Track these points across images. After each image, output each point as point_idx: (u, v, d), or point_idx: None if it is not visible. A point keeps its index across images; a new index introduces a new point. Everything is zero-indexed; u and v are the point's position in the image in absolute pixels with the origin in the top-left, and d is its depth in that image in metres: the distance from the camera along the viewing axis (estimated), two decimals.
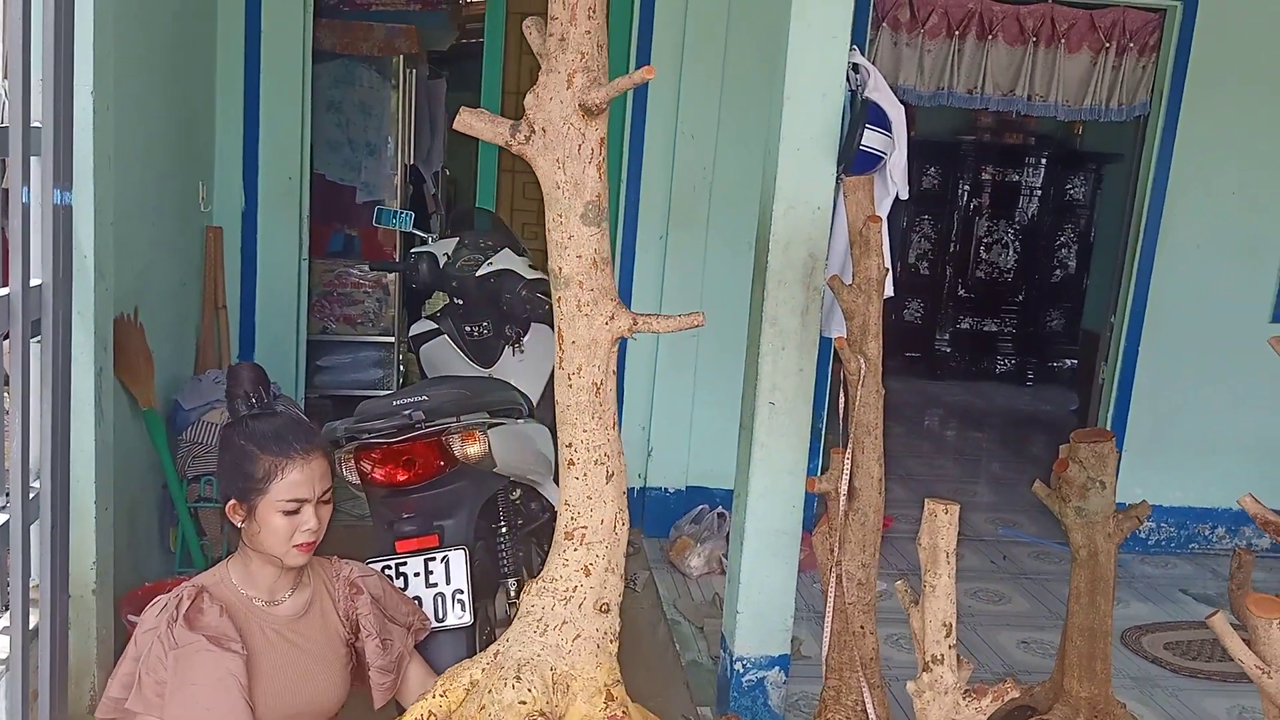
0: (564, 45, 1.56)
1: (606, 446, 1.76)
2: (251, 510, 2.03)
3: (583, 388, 1.69)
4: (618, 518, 1.81)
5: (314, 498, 2.05)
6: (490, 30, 5.07)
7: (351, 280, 6.05)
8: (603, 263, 1.66)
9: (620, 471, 1.82)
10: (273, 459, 2.02)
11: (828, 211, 3.16)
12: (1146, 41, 4.79)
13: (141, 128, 3.36)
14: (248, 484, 2.02)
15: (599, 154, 1.60)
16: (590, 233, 1.61)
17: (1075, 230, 8.73)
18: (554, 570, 1.80)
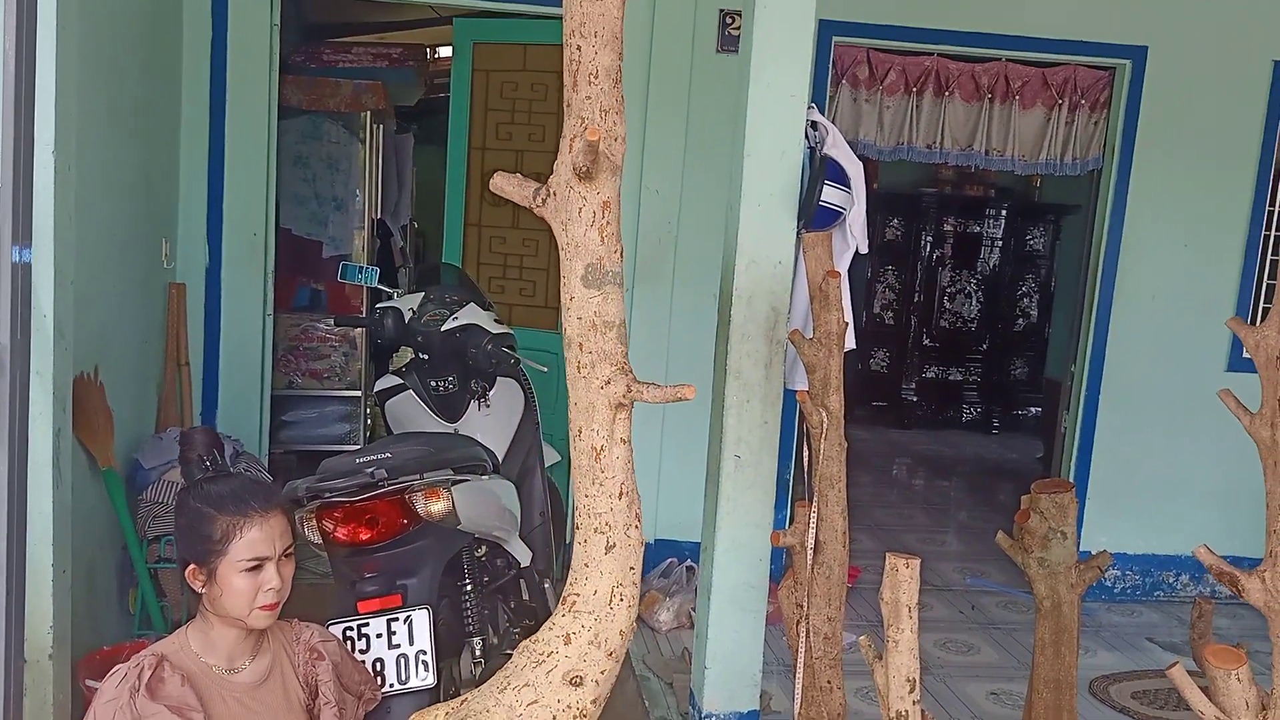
0: (569, 110, 1.58)
1: (609, 516, 1.68)
2: (212, 573, 2.00)
3: (583, 451, 1.67)
4: (615, 592, 1.71)
5: (275, 555, 2.03)
6: (456, 86, 5.11)
7: (318, 334, 6.03)
8: (604, 326, 1.61)
9: (629, 544, 1.70)
10: (230, 519, 2.00)
11: (789, 266, 3.21)
12: (1098, 98, 4.92)
13: (104, 185, 3.35)
14: (206, 546, 2.00)
15: (601, 217, 1.58)
16: (590, 295, 1.58)
17: (1036, 280, 8.88)
18: (543, 630, 1.77)
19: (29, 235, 2.61)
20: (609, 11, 1.52)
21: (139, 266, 3.82)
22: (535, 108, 4.96)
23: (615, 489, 1.68)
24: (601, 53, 1.53)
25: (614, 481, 1.68)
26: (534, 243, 5.03)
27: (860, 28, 4.70)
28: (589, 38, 1.52)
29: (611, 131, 1.56)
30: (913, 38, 4.76)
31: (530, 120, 4.97)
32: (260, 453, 4.61)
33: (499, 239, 5.11)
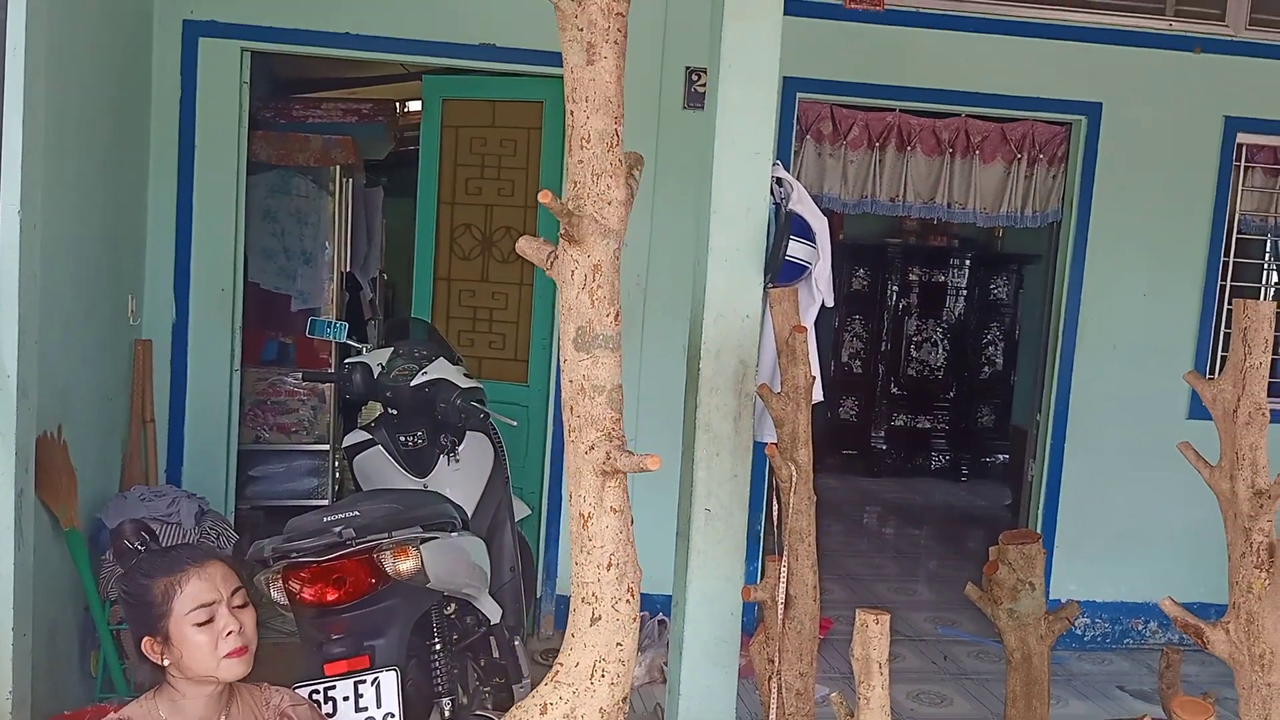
0: (568, 174, 1.60)
1: (595, 587, 1.61)
2: (166, 638, 1.97)
3: (573, 516, 1.64)
4: (597, 667, 1.63)
5: (222, 599, 1.99)
6: (426, 142, 5.15)
7: (286, 389, 5.99)
8: (593, 390, 1.58)
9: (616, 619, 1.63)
10: (166, 578, 1.97)
11: (756, 320, 3.24)
12: (1055, 152, 5.04)
13: (71, 242, 3.34)
14: (151, 613, 1.97)
15: (591, 280, 1.57)
16: (580, 358, 1.57)
17: (1000, 328, 9.00)
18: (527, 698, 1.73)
19: None
20: (600, 77, 1.53)
21: (104, 323, 3.79)
22: (504, 163, 5.00)
23: (603, 559, 1.62)
24: (594, 117, 1.54)
25: (602, 551, 1.62)
26: (503, 296, 5.04)
27: (823, 84, 4.80)
28: (580, 102, 1.54)
29: (604, 195, 1.56)
30: (875, 94, 4.86)
31: (500, 175, 5.01)
32: (226, 509, 4.55)
33: (468, 292, 5.12)
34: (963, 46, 4.81)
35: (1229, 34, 4.93)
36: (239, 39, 4.40)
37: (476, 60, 4.62)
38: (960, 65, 4.82)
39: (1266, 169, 5.13)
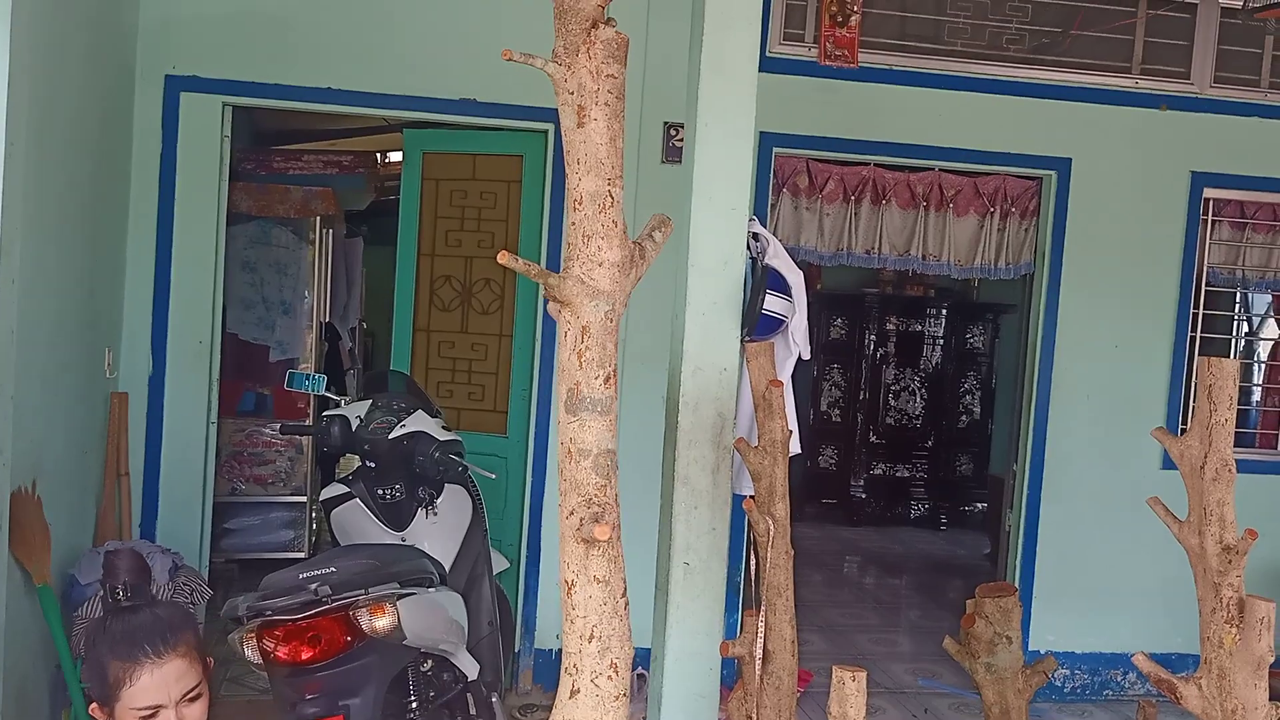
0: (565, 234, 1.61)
1: (576, 658, 1.56)
2: (111, 715, 1.95)
3: (560, 582, 1.61)
4: None
5: (170, 703, 1.95)
6: (406, 194, 5.19)
7: (263, 440, 5.97)
8: (579, 454, 1.55)
9: (596, 694, 1.57)
10: (122, 664, 1.93)
11: (734, 373, 3.26)
12: (1027, 206, 5.13)
13: (48, 297, 3.34)
14: (104, 689, 1.94)
15: (580, 342, 1.57)
16: (568, 420, 1.56)
17: (977, 377, 9.07)
18: None
19: None
20: (591, 139, 1.54)
21: (81, 377, 3.78)
22: (484, 215, 5.04)
23: (585, 630, 1.56)
24: (585, 179, 1.55)
25: (584, 622, 1.56)
26: (483, 347, 5.06)
27: (799, 139, 4.88)
28: (574, 164, 1.55)
29: (595, 257, 1.55)
30: (850, 149, 4.94)
31: (480, 227, 5.05)
32: (201, 563, 4.51)
33: (447, 343, 5.13)
34: (935, 102, 4.90)
35: (1194, 91, 5.05)
36: (221, 94, 4.44)
37: (457, 115, 4.67)
38: (933, 121, 4.91)
39: (1233, 222, 5.23)
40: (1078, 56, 5.00)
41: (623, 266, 1.57)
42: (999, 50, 4.98)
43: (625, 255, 1.57)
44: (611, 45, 1.53)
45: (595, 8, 1.53)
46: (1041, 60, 4.98)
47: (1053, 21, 5.00)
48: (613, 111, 1.55)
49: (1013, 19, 4.99)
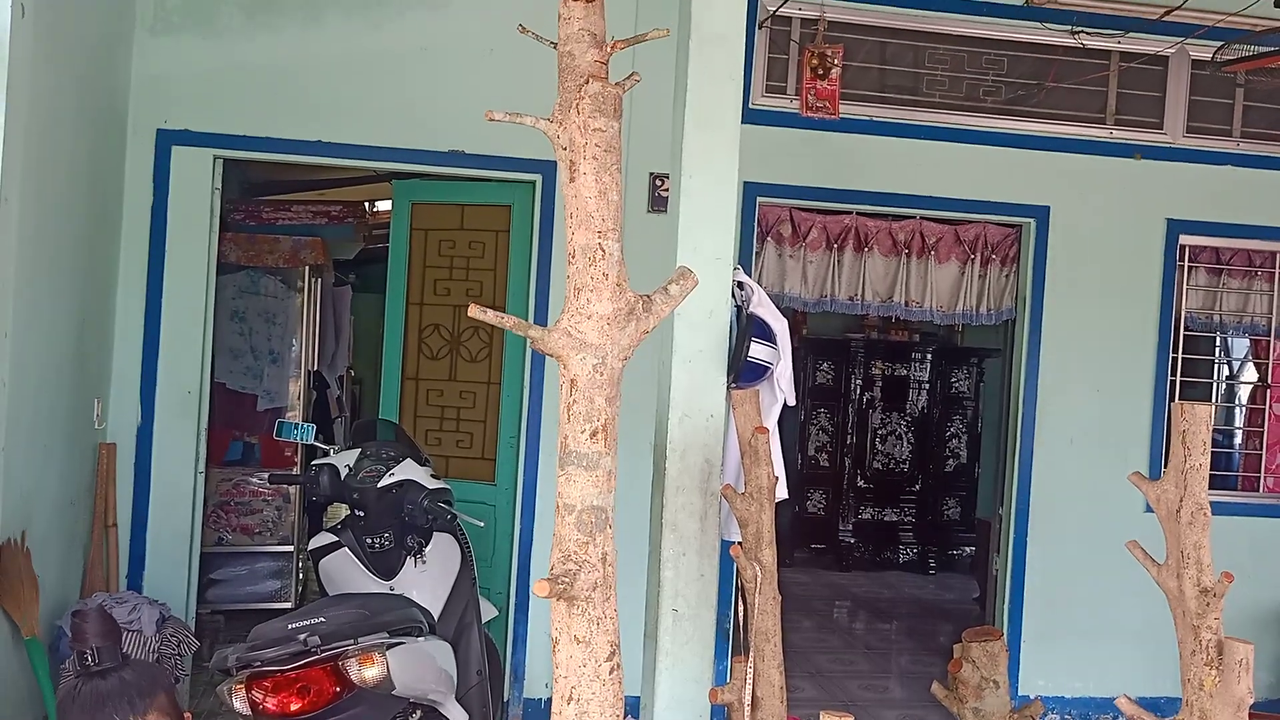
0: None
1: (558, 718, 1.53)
2: None
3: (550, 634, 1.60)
4: None
5: None
6: (395, 244, 5.24)
7: (250, 489, 5.95)
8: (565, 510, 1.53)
9: None
10: None
11: (721, 419, 3.30)
12: (1007, 253, 5.21)
13: (39, 349, 3.36)
14: None
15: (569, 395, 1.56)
16: (558, 474, 1.55)
17: (963, 421, 9.12)
18: None
19: None
20: (580, 192, 1.55)
21: (70, 428, 3.79)
22: (473, 264, 5.09)
23: (564, 691, 1.52)
24: (577, 233, 1.56)
25: (565, 683, 1.52)
26: (471, 395, 5.08)
27: (783, 188, 4.96)
28: (569, 219, 1.57)
29: (583, 310, 1.56)
30: (832, 198, 5.03)
31: (468, 276, 5.09)
32: (187, 614, 4.49)
33: (436, 391, 5.16)
34: (915, 152, 5.00)
35: (1167, 141, 5.16)
36: (211, 147, 4.50)
37: (446, 166, 4.74)
38: (913, 170, 5.01)
39: (1209, 268, 5.33)
40: (1053, 107, 5.12)
41: (615, 319, 1.56)
42: (976, 101, 5.09)
43: (619, 308, 1.56)
44: (599, 99, 1.54)
45: (591, 63, 1.56)
46: (1018, 111, 5.09)
47: (1028, 74, 5.12)
48: (601, 165, 1.55)
49: (989, 71, 5.11)
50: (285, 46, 4.52)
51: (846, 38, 4.96)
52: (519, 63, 4.62)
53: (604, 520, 1.54)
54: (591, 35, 1.55)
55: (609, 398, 1.55)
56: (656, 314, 1.59)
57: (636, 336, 1.58)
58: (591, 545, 1.52)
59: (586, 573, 1.51)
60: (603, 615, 1.53)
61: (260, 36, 4.50)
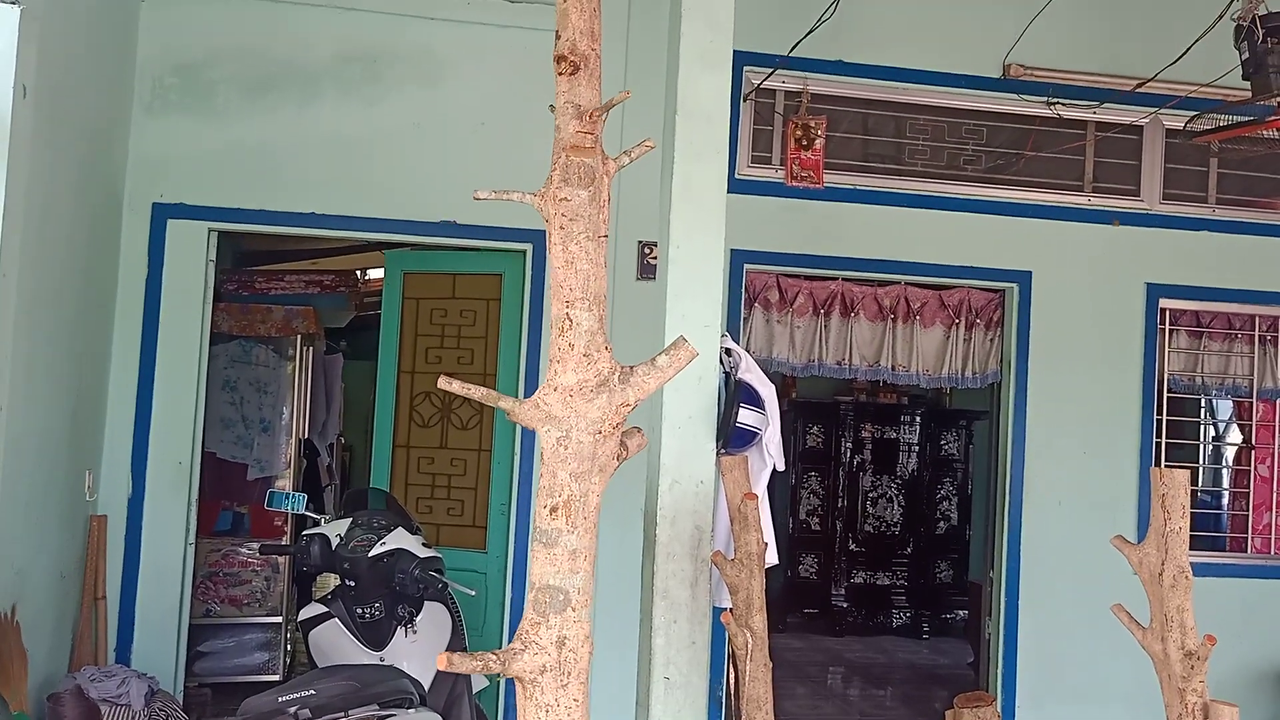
0: None
1: None
2: None
3: None
4: None
5: None
6: (387, 313, 5.29)
7: (239, 559, 5.92)
8: (529, 585, 1.48)
9: None
10: None
11: (710, 485, 3.33)
12: (991, 317, 5.29)
13: (33, 424, 3.38)
14: None
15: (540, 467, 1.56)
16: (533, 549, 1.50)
17: (953, 483, 9.14)
18: None
19: None
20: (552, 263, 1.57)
21: (62, 501, 3.79)
22: (464, 333, 5.14)
23: None
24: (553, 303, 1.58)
25: None
26: (462, 462, 5.10)
27: (769, 256, 5.04)
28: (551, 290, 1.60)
29: (552, 381, 1.55)
30: (818, 264, 5.11)
31: (459, 344, 5.14)
32: (176, 688, 4.44)
33: (427, 459, 5.17)
34: (899, 220, 5.10)
35: (1144, 208, 5.28)
36: (206, 220, 4.57)
37: (438, 236, 4.81)
38: (897, 237, 5.10)
39: (1190, 331, 5.41)
40: (1032, 175, 5.24)
41: (580, 392, 1.51)
42: (957, 170, 5.21)
43: (585, 380, 1.51)
44: (566, 170, 1.56)
45: (573, 134, 1.59)
46: (998, 179, 5.21)
47: (1007, 143, 5.24)
48: (567, 234, 1.55)
49: (969, 141, 5.24)
50: (281, 123, 4.62)
51: (829, 109, 5.09)
52: (510, 135, 4.73)
53: (563, 602, 1.45)
54: (575, 107, 1.57)
55: (574, 473, 1.49)
56: (638, 387, 1.53)
57: (611, 410, 1.52)
58: (544, 627, 1.44)
59: (533, 655, 1.43)
60: (554, 703, 1.43)
61: (256, 114, 4.60)
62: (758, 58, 4.83)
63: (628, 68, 4.80)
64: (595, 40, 1.56)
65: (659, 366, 1.56)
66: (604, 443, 1.52)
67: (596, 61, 1.56)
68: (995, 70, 5.14)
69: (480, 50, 4.76)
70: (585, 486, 1.50)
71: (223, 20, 4.57)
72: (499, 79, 4.74)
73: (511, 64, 4.73)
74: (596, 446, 1.51)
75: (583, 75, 1.57)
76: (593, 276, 1.54)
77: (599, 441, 1.52)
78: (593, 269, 1.54)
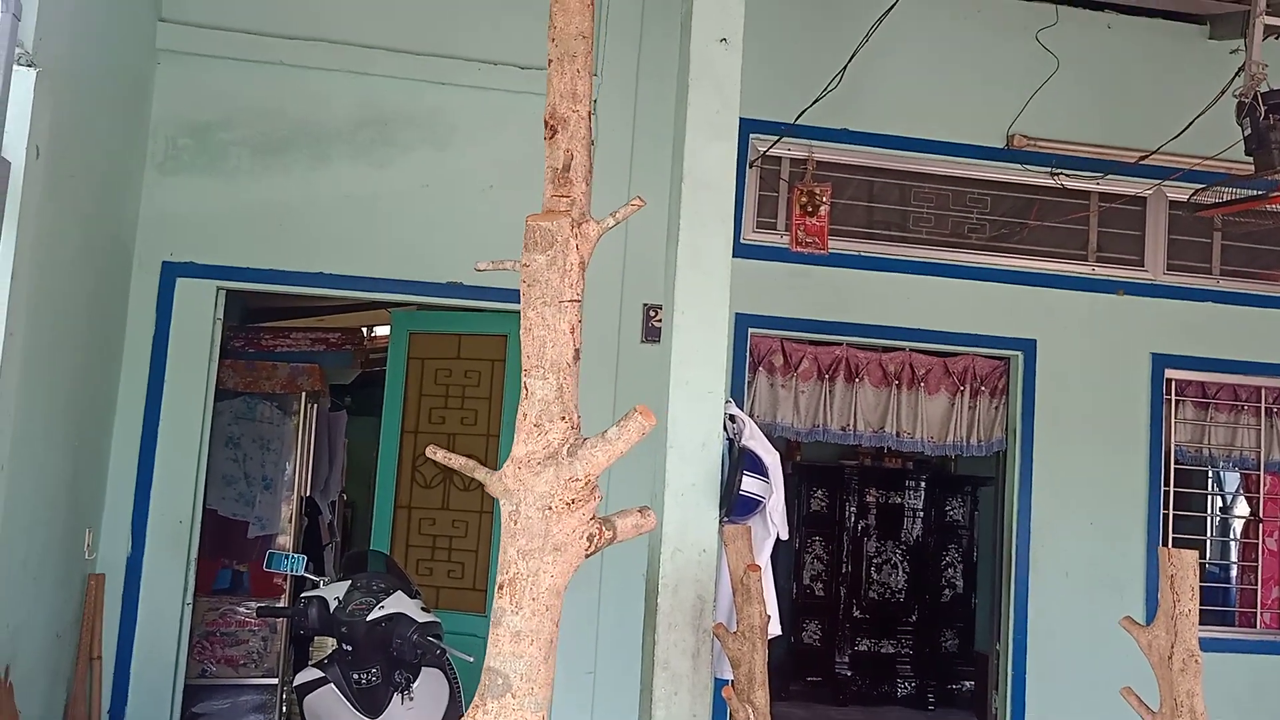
0: None
1: None
2: None
3: None
4: None
5: None
6: (392, 372, 5.30)
7: (237, 619, 5.85)
8: (485, 668, 1.39)
9: None
10: None
11: (713, 554, 3.30)
12: (996, 385, 5.28)
13: (33, 481, 3.37)
14: None
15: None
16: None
17: (959, 550, 9.03)
18: None
19: None
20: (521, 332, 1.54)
21: (59, 560, 3.76)
22: (468, 393, 5.14)
23: None
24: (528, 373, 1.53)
25: None
26: (463, 524, 5.07)
27: (774, 320, 5.05)
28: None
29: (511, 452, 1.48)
30: (823, 329, 5.12)
31: (463, 405, 5.14)
32: None
33: (428, 520, 5.14)
34: (903, 286, 5.11)
35: (1149, 278, 5.29)
36: (215, 279, 4.59)
37: (444, 297, 4.83)
38: (901, 303, 5.11)
39: (1196, 402, 5.39)
40: (1036, 244, 5.26)
41: (528, 464, 1.43)
42: (961, 238, 5.24)
43: (534, 451, 1.43)
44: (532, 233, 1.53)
45: (549, 199, 1.57)
46: (1002, 247, 5.23)
47: (1010, 211, 5.28)
48: (527, 300, 1.51)
49: (973, 209, 5.27)
50: (291, 184, 4.66)
51: (834, 176, 5.13)
52: (517, 198, 4.73)
53: (501, 687, 1.36)
54: (552, 170, 1.56)
55: (522, 550, 1.40)
56: (587, 460, 1.42)
57: (559, 484, 1.42)
58: (481, 712, 1.37)
59: None
60: None
61: (267, 175, 4.65)
62: (764, 125, 4.89)
63: (635, 133, 4.86)
64: (578, 101, 1.55)
65: (608, 439, 1.45)
66: (558, 519, 1.42)
67: (579, 122, 1.56)
68: (999, 140, 5.20)
69: (491, 115, 4.82)
70: (534, 565, 1.40)
71: (238, 82, 4.64)
72: (508, 143, 4.79)
73: (521, 129, 4.78)
74: (548, 523, 1.41)
75: (561, 138, 1.56)
76: (549, 343, 1.49)
77: (550, 518, 1.41)
78: (549, 335, 1.49)
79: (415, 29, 4.79)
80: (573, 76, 1.55)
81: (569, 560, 1.43)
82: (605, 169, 4.82)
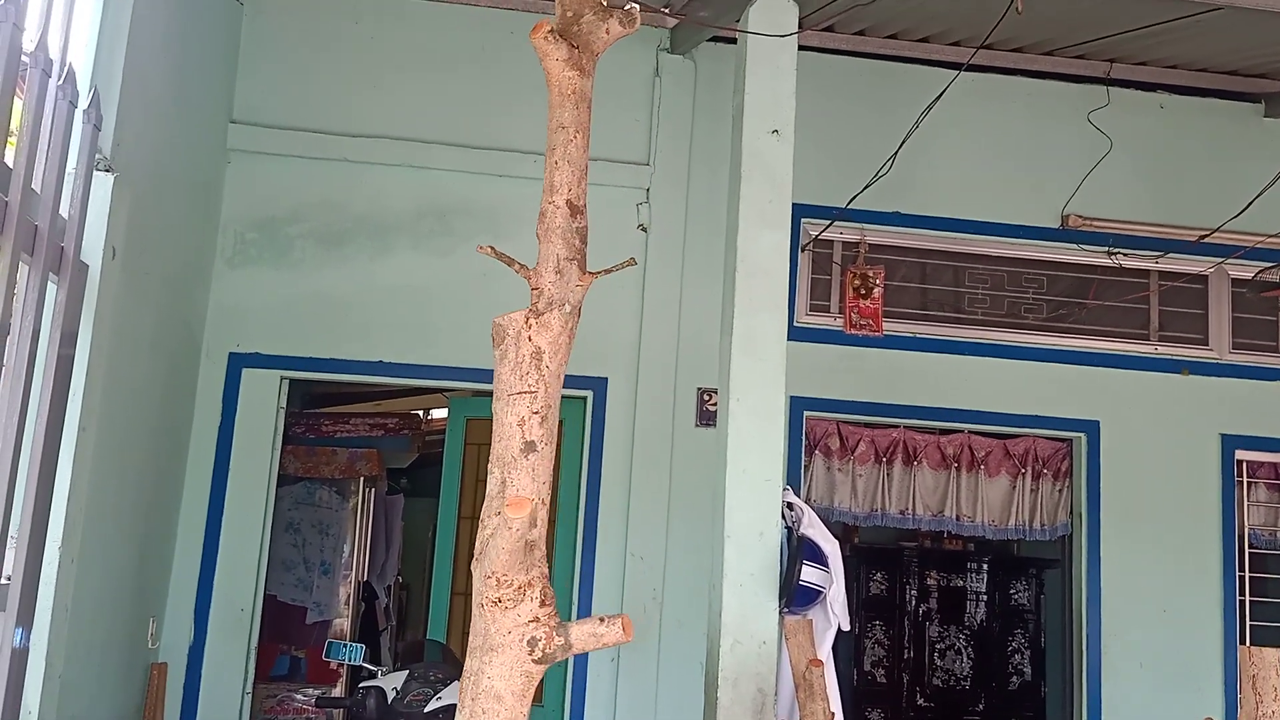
0: None
1: None
2: None
3: None
4: None
5: None
6: (449, 459, 5.34)
7: (294, 705, 5.85)
8: None
9: None
10: None
11: (774, 646, 3.25)
12: (1059, 467, 5.18)
13: (100, 572, 3.43)
14: None
15: None
16: None
17: (1025, 635, 8.76)
18: None
19: (30, 619, 2.67)
20: None
21: (123, 649, 3.81)
22: None
23: None
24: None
25: None
26: None
27: (829, 403, 5.02)
28: None
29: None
30: (879, 412, 5.07)
31: None
32: None
33: None
34: (960, 368, 5.06)
35: (1214, 357, 5.18)
36: (280, 369, 4.70)
37: None
38: (959, 385, 5.05)
39: (1269, 484, 5.22)
40: (1095, 323, 5.19)
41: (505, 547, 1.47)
42: (1017, 318, 5.19)
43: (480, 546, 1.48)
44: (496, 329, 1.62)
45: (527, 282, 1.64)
46: (1060, 327, 5.17)
47: (1067, 291, 5.22)
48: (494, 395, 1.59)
49: (1029, 289, 5.23)
50: (354, 274, 4.78)
51: (887, 258, 5.13)
52: None
53: None
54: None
55: (470, 646, 1.45)
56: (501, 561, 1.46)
57: (483, 582, 1.47)
58: None
59: None
60: None
61: (331, 266, 4.77)
62: (816, 210, 4.92)
63: (687, 220, 4.92)
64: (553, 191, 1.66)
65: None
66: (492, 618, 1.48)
67: (553, 213, 1.61)
68: (1054, 220, 5.17)
69: None
70: (474, 663, 1.45)
71: (304, 178, 4.80)
72: None
73: None
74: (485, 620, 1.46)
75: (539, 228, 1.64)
76: (498, 436, 1.55)
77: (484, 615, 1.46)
78: (499, 428, 1.55)
79: (472, 124, 4.93)
80: (550, 168, 1.64)
81: (508, 663, 1.44)
82: (659, 255, 4.89)
